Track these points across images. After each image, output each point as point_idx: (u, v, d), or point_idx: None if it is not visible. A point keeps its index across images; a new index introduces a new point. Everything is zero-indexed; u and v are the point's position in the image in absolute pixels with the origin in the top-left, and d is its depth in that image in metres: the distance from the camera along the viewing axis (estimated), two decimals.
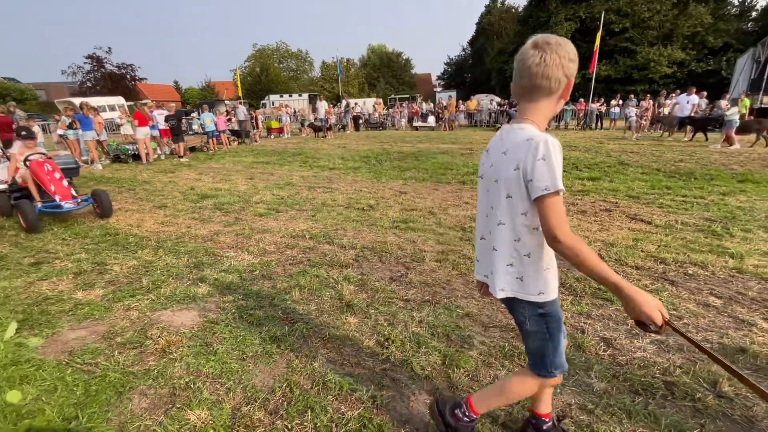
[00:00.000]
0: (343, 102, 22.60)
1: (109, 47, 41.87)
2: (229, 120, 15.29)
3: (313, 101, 27.31)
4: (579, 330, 2.54)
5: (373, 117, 22.72)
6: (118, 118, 18.82)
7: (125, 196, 6.94)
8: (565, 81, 1.20)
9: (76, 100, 19.39)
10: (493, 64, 38.22)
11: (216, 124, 13.41)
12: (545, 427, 1.66)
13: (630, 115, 14.99)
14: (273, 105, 28.19)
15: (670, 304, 2.81)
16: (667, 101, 15.27)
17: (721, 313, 2.69)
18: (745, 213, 4.72)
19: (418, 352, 2.35)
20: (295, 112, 26.00)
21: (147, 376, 2.21)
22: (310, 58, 54.92)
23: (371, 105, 26.37)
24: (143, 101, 19.74)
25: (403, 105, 25.06)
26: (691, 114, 12.57)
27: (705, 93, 14.32)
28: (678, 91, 13.92)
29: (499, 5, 44.59)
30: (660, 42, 30.54)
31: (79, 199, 5.33)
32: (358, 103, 26.10)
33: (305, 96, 35.60)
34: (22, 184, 5.40)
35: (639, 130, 14.18)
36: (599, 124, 17.97)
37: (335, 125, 19.88)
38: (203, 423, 1.86)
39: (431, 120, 20.18)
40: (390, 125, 22.07)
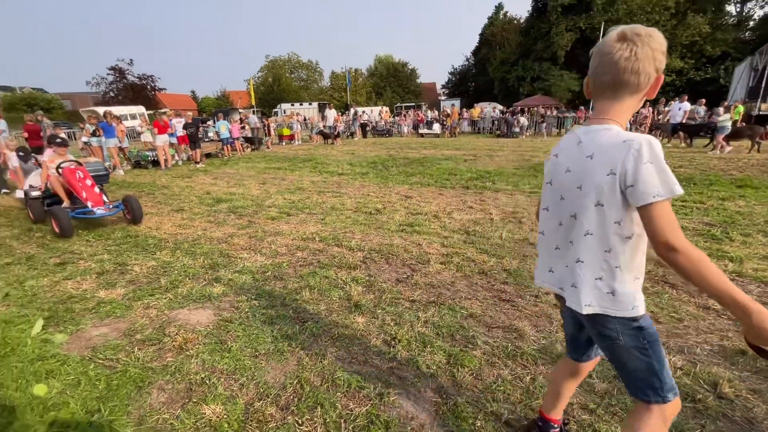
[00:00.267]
0: (352, 110, 22.73)
1: (131, 59, 42.77)
2: (242, 128, 15.44)
3: (322, 109, 27.51)
4: None
5: (380, 124, 22.80)
6: (139, 126, 19.21)
7: (145, 200, 7.03)
8: (654, 76, 1.06)
9: (100, 109, 19.79)
10: (495, 74, 38.18)
11: (230, 132, 13.57)
12: None
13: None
14: (284, 113, 28.41)
15: (670, 307, 2.77)
16: (666, 108, 15.13)
17: (721, 315, 2.64)
18: (744, 217, 4.64)
19: (423, 352, 2.35)
20: (305, 119, 26.20)
21: (165, 372, 2.23)
22: (320, 68, 55.50)
23: (378, 113, 26.49)
24: (162, 110, 20.06)
25: (409, 113, 25.10)
26: (682, 121, 12.49)
27: (704, 100, 14.13)
28: (677, 99, 13.81)
29: (501, 17, 44.56)
30: None
31: (110, 206, 5.30)
32: (365, 111, 26.23)
33: (315, 105, 35.82)
34: (54, 191, 5.37)
35: None
36: None
37: (344, 132, 19.99)
38: (218, 417, 1.87)
39: (436, 127, 20.19)
40: (396, 132, 22.12)
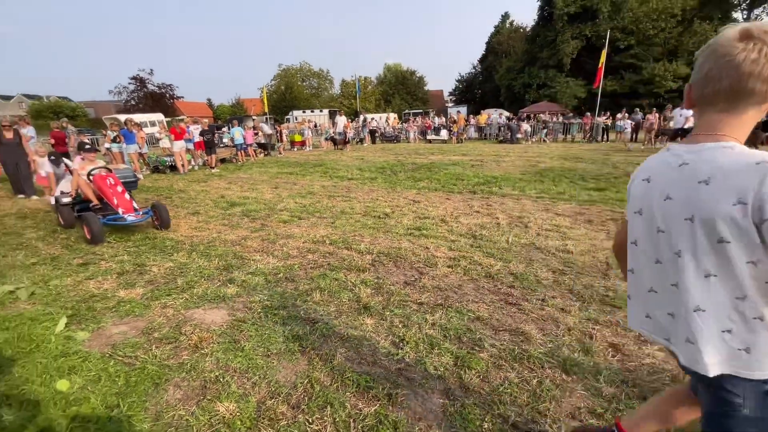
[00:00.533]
0: (361, 117, 22.85)
1: (151, 69, 43.81)
2: (256, 134, 15.63)
3: (332, 116, 27.73)
4: (587, 335, 2.47)
5: (388, 131, 22.85)
6: (158, 132, 19.59)
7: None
8: None
9: (122, 117, 20.22)
10: (502, 81, 38.02)
11: (244, 138, 13.75)
12: None
13: (625, 127, 16.23)
14: (296, 120, 28.68)
15: None
16: (673, 114, 14.99)
17: None
18: None
19: (431, 353, 2.33)
20: (316, 126, 26.40)
21: (181, 369, 2.26)
22: (330, 76, 55.80)
23: (386, 119, 26.56)
24: (179, 117, 20.40)
25: (417, 119, 25.13)
26: (684, 126, 12.41)
27: None
28: (681, 105, 13.73)
29: (507, 25, 44.44)
30: (665, 58, 29.85)
31: (141, 212, 5.22)
32: (374, 118, 26.32)
33: (326, 111, 36.07)
34: (85, 197, 5.33)
35: (647, 142, 14.26)
36: (605, 137, 17.64)
37: (353, 138, 20.08)
38: (231, 414, 1.88)
39: (443, 133, 20.13)
40: (404, 138, 22.15)
